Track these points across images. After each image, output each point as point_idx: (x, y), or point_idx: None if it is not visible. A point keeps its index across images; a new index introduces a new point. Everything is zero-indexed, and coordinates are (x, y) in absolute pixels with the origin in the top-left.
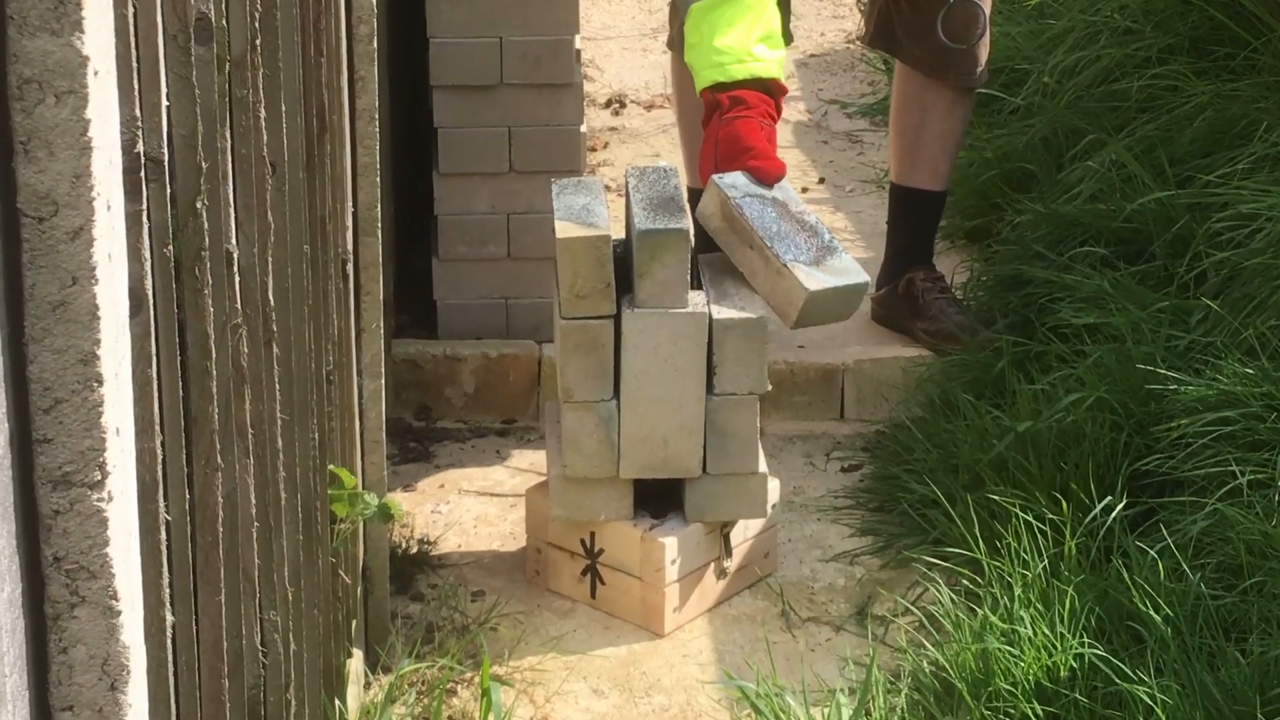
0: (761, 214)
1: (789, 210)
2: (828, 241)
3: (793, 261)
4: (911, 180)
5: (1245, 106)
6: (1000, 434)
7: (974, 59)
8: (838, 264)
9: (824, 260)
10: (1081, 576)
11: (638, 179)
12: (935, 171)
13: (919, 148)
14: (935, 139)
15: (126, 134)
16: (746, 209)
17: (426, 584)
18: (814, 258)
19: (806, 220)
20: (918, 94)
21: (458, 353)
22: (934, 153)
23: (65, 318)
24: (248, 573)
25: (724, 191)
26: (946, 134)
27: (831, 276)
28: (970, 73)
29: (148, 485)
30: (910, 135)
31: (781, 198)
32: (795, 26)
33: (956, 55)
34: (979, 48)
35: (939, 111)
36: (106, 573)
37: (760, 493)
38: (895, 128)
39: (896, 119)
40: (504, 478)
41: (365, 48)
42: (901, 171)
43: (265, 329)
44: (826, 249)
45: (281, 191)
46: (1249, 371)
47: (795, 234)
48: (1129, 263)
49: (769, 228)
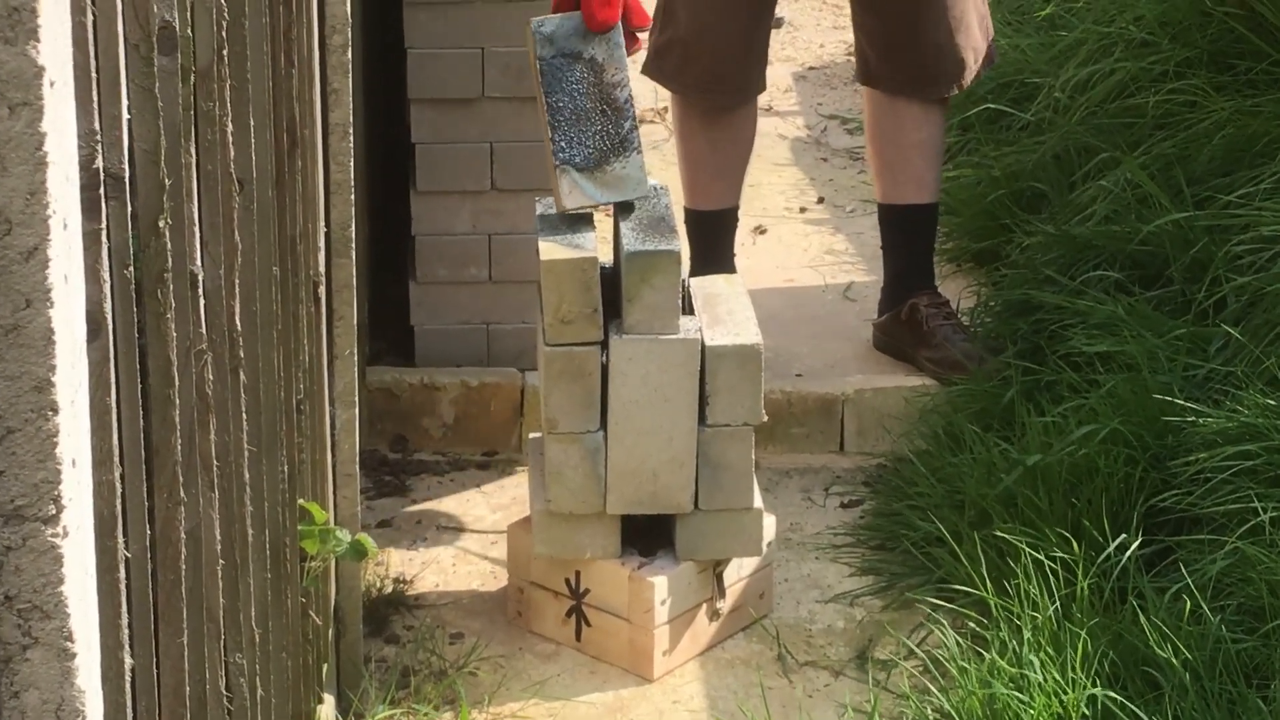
0: (562, 85)
1: (601, 79)
2: (625, 133)
3: (565, 164)
4: (898, 197)
5: (1267, 123)
6: (1009, 468)
7: (958, 65)
8: (618, 170)
9: (605, 162)
10: (1095, 619)
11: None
12: (921, 183)
13: (900, 161)
14: (914, 149)
15: (85, 148)
16: (548, 77)
17: (402, 625)
18: (595, 158)
19: (614, 97)
20: (888, 107)
21: (436, 381)
22: (916, 164)
23: (18, 342)
24: (212, 613)
25: (536, 45)
26: (926, 143)
27: (599, 190)
28: (946, 83)
29: (106, 520)
30: (889, 150)
31: (601, 58)
32: (793, 39)
33: (930, 71)
34: (964, 53)
35: (912, 123)
36: (61, 612)
37: (755, 529)
38: (872, 147)
39: (872, 136)
40: (484, 513)
41: (339, 59)
42: (886, 190)
43: (232, 355)
44: (619, 144)
45: (250, 210)
46: (1271, 403)
47: (590, 118)
48: (1144, 287)
49: (562, 108)
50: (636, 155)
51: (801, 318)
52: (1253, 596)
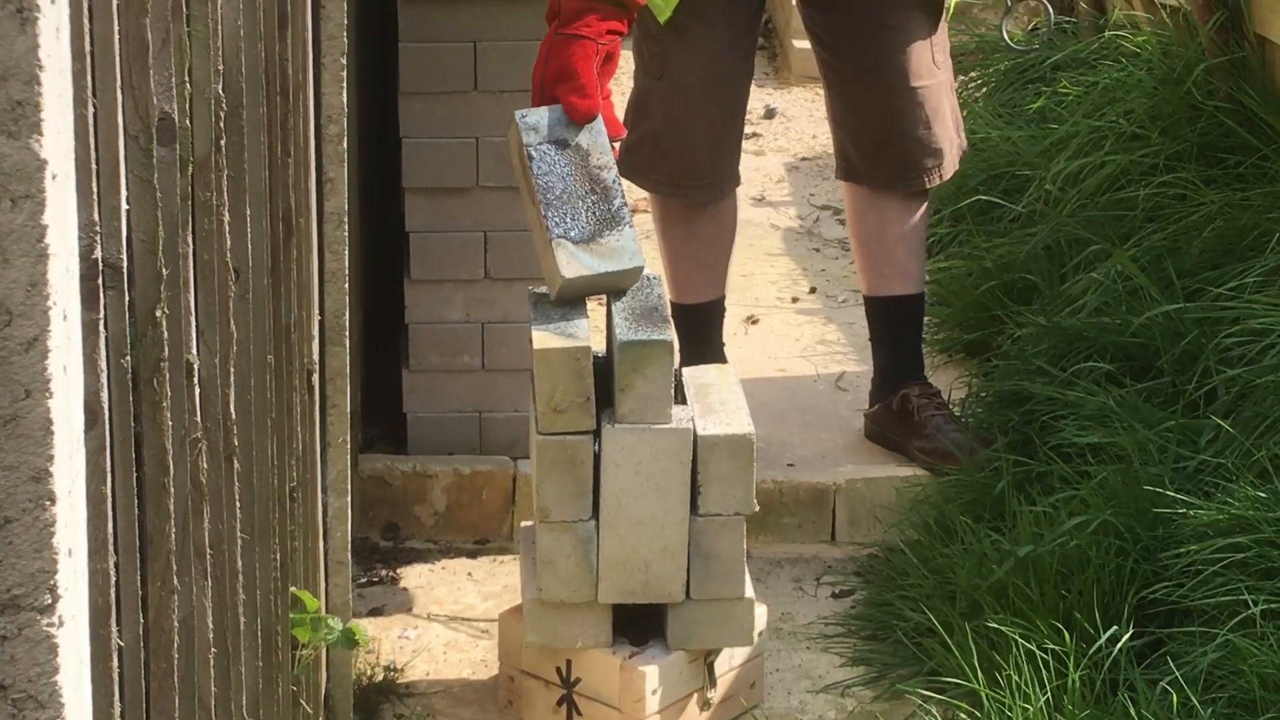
0: (551, 168)
1: (587, 163)
2: (615, 209)
3: (560, 237)
4: (884, 289)
5: (1256, 216)
6: (1000, 559)
7: (934, 156)
8: (612, 243)
9: (600, 236)
10: (1086, 711)
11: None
12: (906, 275)
13: (884, 255)
14: (898, 242)
15: (85, 239)
16: (537, 161)
17: (393, 714)
18: (590, 232)
19: (602, 178)
20: (870, 202)
21: (428, 469)
22: (900, 256)
23: (17, 432)
24: (204, 701)
25: (522, 134)
26: (909, 235)
27: (596, 260)
28: (923, 175)
29: (100, 609)
30: (872, 244)
31: (586, 144)
32: (786, 129)
33: (910, 163)
34: (939, 142)
35: (894, 216)
36: (55, 702)
37: (747, 619)
38: (856, 241)
39: (854, 231)
40: (476, 601)
41: (334, 148)
42: (871, 283)
43: (226, 443)
44: (610, 220)
45: (245, 299)
46: (1261, 495)
47: (581, 197)
48: (1135, 379)
49: (553, 188)
50: (629, 228)
51: (793, 407)
52: (1244, 689)
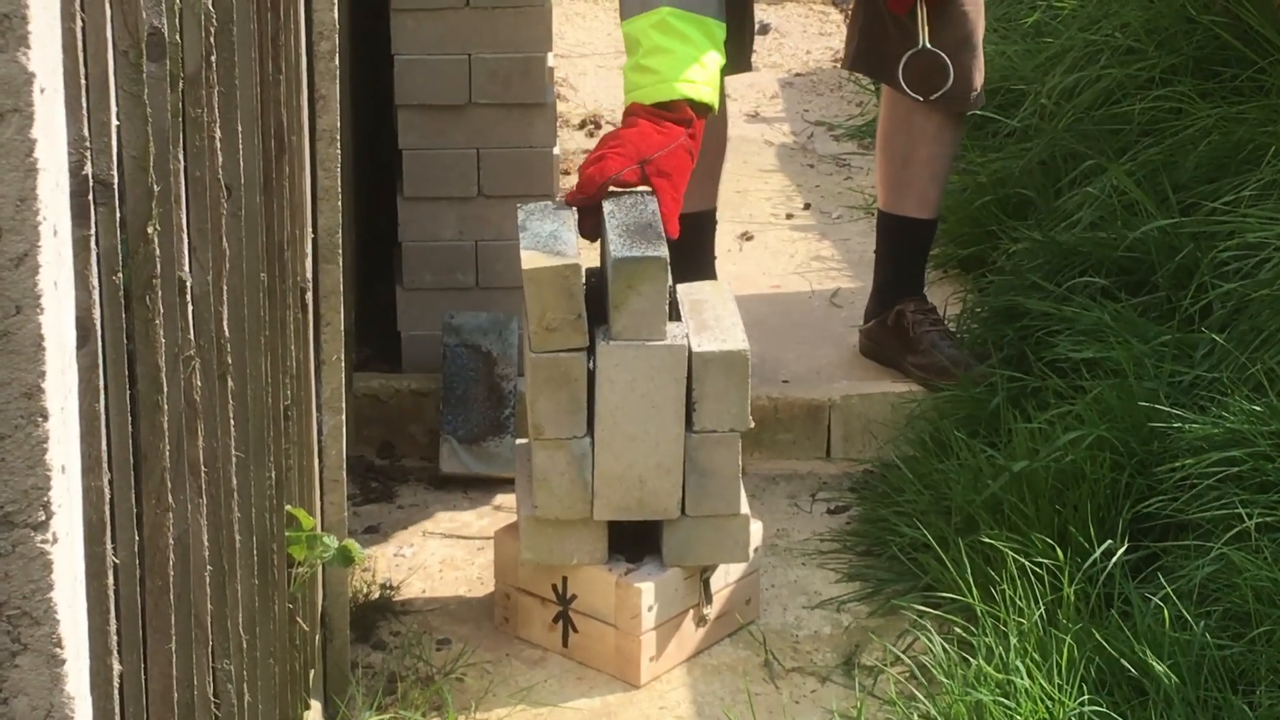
0: (460, 369)
1: (492, 371)
2: (503, 419)
3: (448, 434)
4: (900, 208)
5: (1252, 130)
6: (995, 474)
7: (967, 83)
8: (491, 448)
9: (483, 439)
10: (1080, 625)
11: (614, 204)
12: (924, 199)
13: (907, 174)
14: (924, 165)
15: (74, 155)
16: (449, 359)
17: (389, 631)
18: (475, 435)
19: (500, 388)
20: (905, 118)
21: (423, 387)
22: (923, 180)
23: (8, 349)
24: (200, 619)
25: (444, 335)
26: (936, 160)
27: (474, 461)
28: (963, 98)
29: (94, 526)
30: (898, 162)
31: (496, 353)
32: (780, 45)
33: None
34: (973, 73)
35: (928, 136)
36: (50, 619)
37: (742, 536)
38: (882, 154)
39: (883, 144)
40: (471, 519)
41: (326, 65)
42: (889, 199)
43: (220, 361)
44: (496, 427)
45: (238, 216)
46: (1256, 409)
47: (476, 402)
48: (1130, 294)
49: (454, 386)
50: (510, 437)
51: (788, 324)
52: (1238, 603)
